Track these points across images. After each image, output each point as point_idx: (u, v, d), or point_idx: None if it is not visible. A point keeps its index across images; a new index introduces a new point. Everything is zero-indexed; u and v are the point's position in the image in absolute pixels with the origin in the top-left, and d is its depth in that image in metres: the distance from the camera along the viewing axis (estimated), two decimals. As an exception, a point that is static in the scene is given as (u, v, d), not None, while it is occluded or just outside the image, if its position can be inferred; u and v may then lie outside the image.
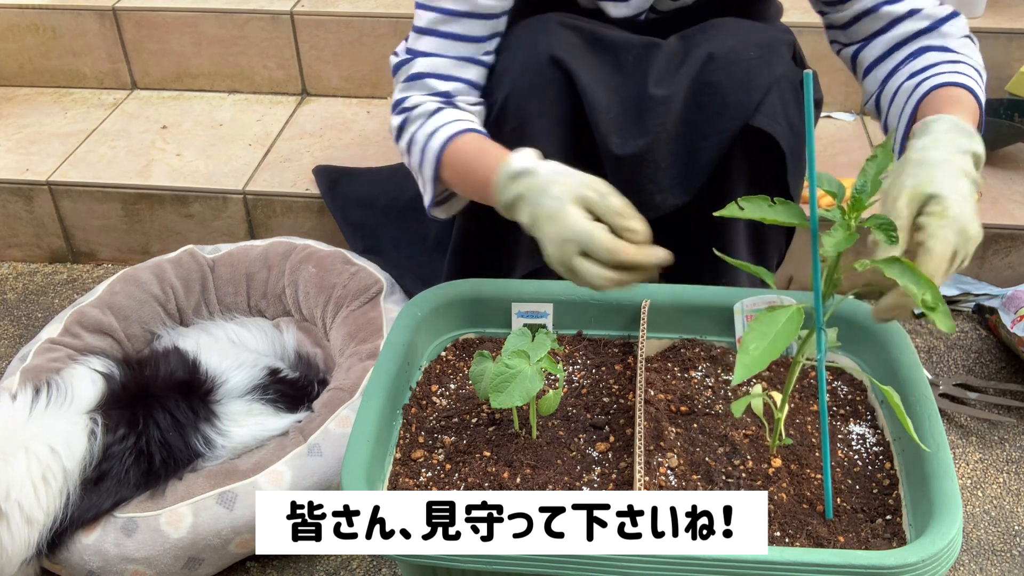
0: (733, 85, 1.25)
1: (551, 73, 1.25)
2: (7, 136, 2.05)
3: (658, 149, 1.28)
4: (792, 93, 1.28)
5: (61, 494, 1.17)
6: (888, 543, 0.92)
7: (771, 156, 1.28)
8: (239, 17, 2.12)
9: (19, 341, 1.73)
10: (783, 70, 1.26)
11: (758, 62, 1.26)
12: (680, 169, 1.30)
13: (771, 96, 1.26)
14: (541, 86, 1.25)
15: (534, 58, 1.25)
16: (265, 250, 1.64)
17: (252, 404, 1.33)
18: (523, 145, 1.10)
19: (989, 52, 1.94)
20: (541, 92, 1.25)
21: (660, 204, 1.30)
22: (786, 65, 1.27)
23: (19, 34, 2.19)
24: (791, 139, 1.28)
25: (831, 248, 0.82)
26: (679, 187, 1.31)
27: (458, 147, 1.15)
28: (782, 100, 1.27)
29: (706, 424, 1.05)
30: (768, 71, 1.26)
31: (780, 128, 1.26)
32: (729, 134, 1.26)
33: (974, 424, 1.49)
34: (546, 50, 1.25)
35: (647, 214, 1.26)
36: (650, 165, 1.28)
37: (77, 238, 1.93)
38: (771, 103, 1.26)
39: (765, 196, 0.87)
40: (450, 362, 1.19)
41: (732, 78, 1.25)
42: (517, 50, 1.27)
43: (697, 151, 1.29)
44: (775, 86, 1.26)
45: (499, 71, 1.28)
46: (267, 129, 2.06)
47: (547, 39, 1.25)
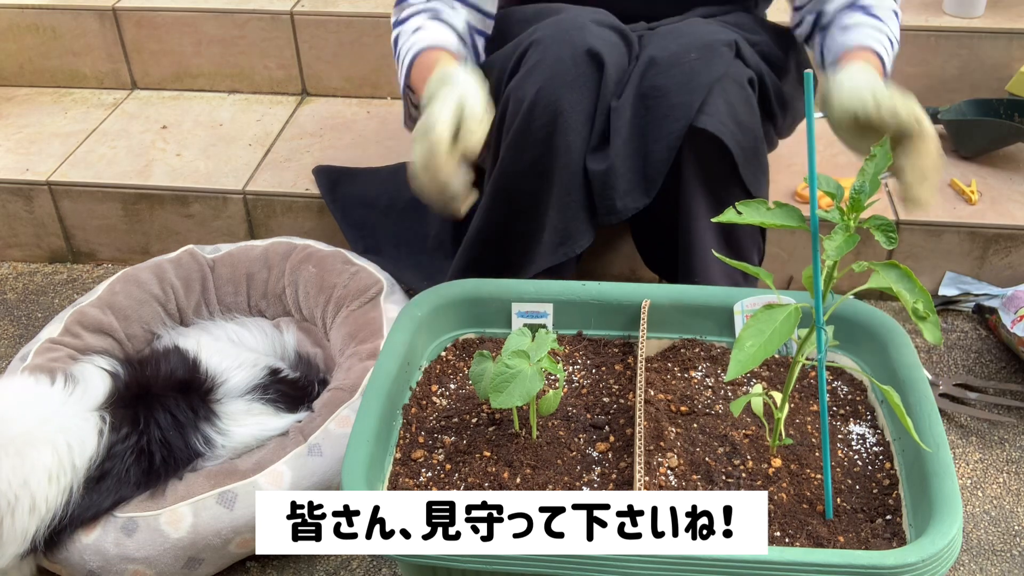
0: (675, 87, 1.29)
1: (587, 68, 1.29)
2: (7, 136, 2.05)
3: (616, 155, 1.31)
4: (738, 91, 1.31)
5: (65, 491, 1.17)
6: (888, 543, 0.92)
7: (725, 156, 1.30)
8: (239, 17, 2.12)
9: (19, 341, 1.73)
10: (724, 69, 1.30)
11: (699, 63, 1.30)
12: (636, 173, 1.33)
13: (713, 96, 1.29)
14: (576, 81, 1.29)
15: (570, 53, 1.28)
16: (265, 250, 1.64)
17: (252, 404, 1.33)
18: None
19: (989, 52, 1.94)
20: (576, 88, 1.29)
21: (622, 209, 1.34)
22: (727, 64, 1.31)
23: (19, 34, 2.19)
24: (740, 137, 1.30)
25: (833, 253, 0.82)
26: (637, 190, 1.34)
27: (420, 61, 1.29)
28: (726, 100, 1.29)
29: (706, 424, 1.05)
30: (708, 71, 1.29)
31: (726, 128, 1.28)
32: (676, 135, 1.29)
33: (974, 424, 1.49)
34: (583, 43, 1.28)
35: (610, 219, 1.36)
36: (611, 172, 1.32)
37: (77, 238, 1.93)
38: (714, 103, 1.29)
39: (763, 200, 0.88)
40: (450, 362, 1.19)
41: (673, 80, 1.29)
42: (551, 45, 1.29)
43: (649, 154, 1.32)
44: (716, 86, 1.29)
45: (530, 64, 1.30)
46: (267, 129, 2.06)
47: (582, 34, 1.29)
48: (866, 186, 0.85)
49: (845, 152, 1.25)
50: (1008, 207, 1.71)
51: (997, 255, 1.70)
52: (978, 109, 1.86)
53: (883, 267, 0.85)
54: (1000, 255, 1.70)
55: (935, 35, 1.95)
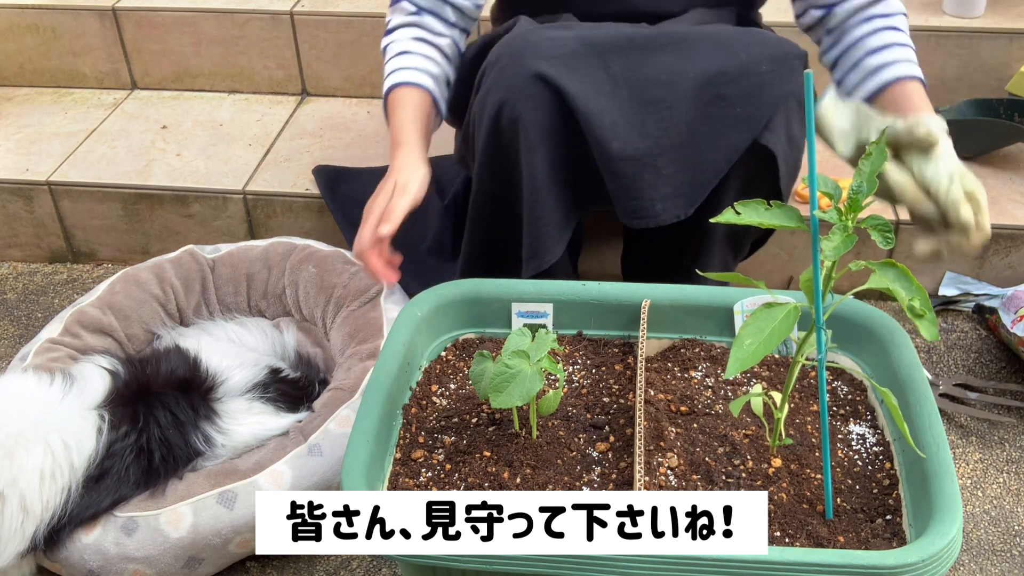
0: (742, 98, 1.25)
1: (537, 90, 1.25)
2: (7, 136, 2.05)
3: (660, 154, 1.27)
4: (797, 109, 1.28)
5: (63, 491, 1.17)
6: (888, 543, 0.92)
7: (765, 167, 1.29)
8: (239, 17, 2.12)
9: (19, 341, 1.73)
10: (793, 87, 1.27)
11: (770, 76, 1.26)
12: (684, 179, 1.30)
13: (778, 113, 1.26)
14: (529, 104, 1.26)
15: (520, 76, 1.25)
16: (265, 250, 1.64)
17: (252, 403, 1.33)
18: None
19: (989, 52, 1.94)
20: (530, 109, 1.26)
21: (661, 213, 1.30)
22: (797, 81, 1.27)
23: (19, 34, 2.19)
24: (789, 155, 1.30)
25: (831, 253, 0.82)
26: (682, 198, 1.30)
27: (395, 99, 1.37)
28: (786, 117, 1.27)
29: (706, 424, 1.05)
30: (779, 86, 1.26)
31: (781, 145, 1.27)
32: (737, 148, 1.27)
33: (974, 424, 1.49)
34: (532, 67, 1.25)
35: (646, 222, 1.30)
36: (650, 170, 1.28)
37: (77, 238, 1.93)
38: (777, 120, 1.26)
39: (761, 200, 0.88)
40: (450, 362, 1.19)
41: (742, 91, 1.25)
42: (504, 67, 1.27)
43: (703, 162, 1.29)
44: (782, 103, 1.26)
45: (488, 85, 1.29)
46: (267, 129, 2.06)
47: (533, 55, 1.26)
48: (864, 186, 0.85)
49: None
50: (1008, 207, 1.71)
51: (997, 255, 1.70)
52: (978, 109, 1.86)
53: (881, 266, 0.85)
54: (1000, 255, 1.70)
55: (935, 35, 1.95)
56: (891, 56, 1.30)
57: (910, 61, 1.30)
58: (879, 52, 1.31)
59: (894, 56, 1.30)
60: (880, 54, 1.30)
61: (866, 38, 1.32)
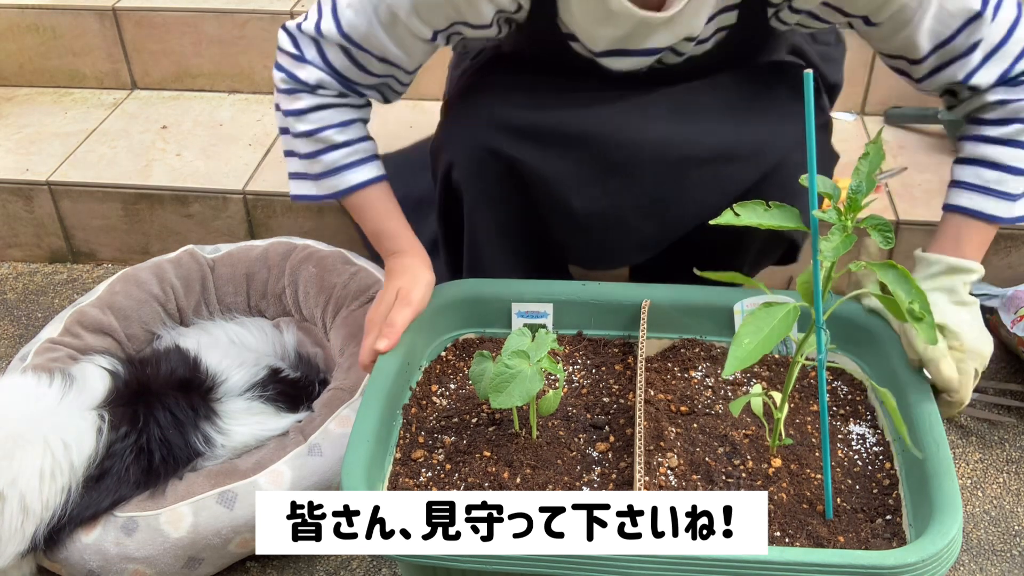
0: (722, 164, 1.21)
1: (490, 161, 1.24)
2: (7, 136, 2.05)
3: (627, 213, 1.25)
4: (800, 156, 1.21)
5: (63, 490, 1.17)
6: (888, 543, 0.92)
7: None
8: (239, 17, 2.12)
9: (19, 341, 1.73)
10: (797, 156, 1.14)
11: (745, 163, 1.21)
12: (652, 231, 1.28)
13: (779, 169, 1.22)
14: (480, 172, 1.26)
15: (472, 147, 1.24)
16: (265, 250, 1.64)
17: (252, 403, 1.33)
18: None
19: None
20: (480, 178, 1.26)
21: (623, 260, 1.34)
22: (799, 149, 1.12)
23: (19, 34, 2.19)
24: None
25: (830, 254, 0.82)
26: (649, 248, 1.31)
27: (363, 199, 1.24)
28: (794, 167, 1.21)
29: (706, 424, 1.05)
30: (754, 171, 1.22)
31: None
32: (713, 207, 1.14)
33: (974, 424, 1.49)
34: (484, 142, 1.23)
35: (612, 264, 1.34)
36: (615, 226, 1.27)
37: (77, 238, 1.93)
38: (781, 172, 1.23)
39: (760, 201, 0.88)
40: (450, 362, 1.19)
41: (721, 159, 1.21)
42: (458, 130, 1.27)
43: (672, 222, 1.26)
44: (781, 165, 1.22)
45: (443, 139, 1.29)
46: (267, 129, 2.05)
47: (486, 126, 1.23)
48: (863, 186, 0.85)
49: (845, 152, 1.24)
50: (1008, 207, 1.71)
51: (997, 255, 1.70)
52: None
53: (880, 268, 0.85)
54: (1000, 255, 1.70)
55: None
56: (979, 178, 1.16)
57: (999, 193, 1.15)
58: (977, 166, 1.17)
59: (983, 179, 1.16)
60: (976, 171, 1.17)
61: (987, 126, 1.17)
